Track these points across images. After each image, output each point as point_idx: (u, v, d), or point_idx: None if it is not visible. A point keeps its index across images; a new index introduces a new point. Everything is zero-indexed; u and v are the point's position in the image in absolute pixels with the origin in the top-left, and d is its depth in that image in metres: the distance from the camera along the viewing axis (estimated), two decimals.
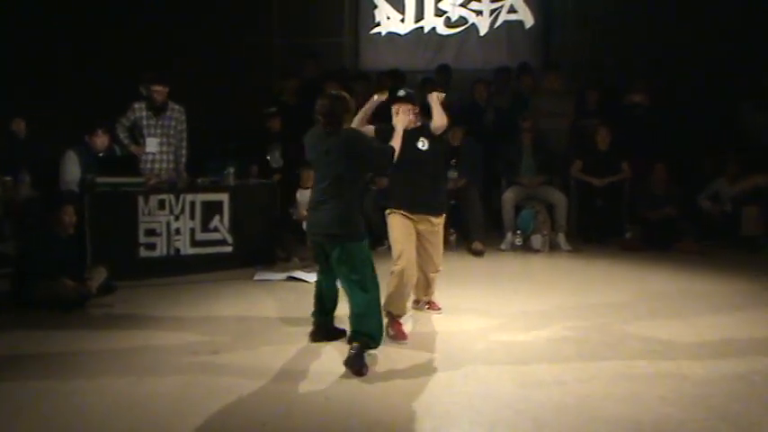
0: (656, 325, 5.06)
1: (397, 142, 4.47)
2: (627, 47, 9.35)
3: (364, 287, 4.24)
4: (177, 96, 7.22)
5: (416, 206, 4.88)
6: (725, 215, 8.05)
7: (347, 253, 4.25)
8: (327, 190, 4.30)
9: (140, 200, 6.41)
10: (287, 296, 5.95)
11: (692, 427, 3.44)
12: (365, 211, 8.05)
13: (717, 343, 4.64)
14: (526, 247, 7.76)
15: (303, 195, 7.30)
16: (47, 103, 8.19)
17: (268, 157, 7.93)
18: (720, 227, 8.05)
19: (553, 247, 7.76)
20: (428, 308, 5.37)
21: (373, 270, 4.33)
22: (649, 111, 8.57)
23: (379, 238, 7.95)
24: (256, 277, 6.49)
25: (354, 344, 4.17)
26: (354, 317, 4.27)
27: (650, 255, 7.45)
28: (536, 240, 7.75)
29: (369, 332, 4.22)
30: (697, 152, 8.48)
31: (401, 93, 4.88)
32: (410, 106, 4.86)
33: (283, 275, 6.51)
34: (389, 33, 10.19)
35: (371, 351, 4.27)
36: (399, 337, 4.68)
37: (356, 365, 4.09)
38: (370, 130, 4.85)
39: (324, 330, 4.69)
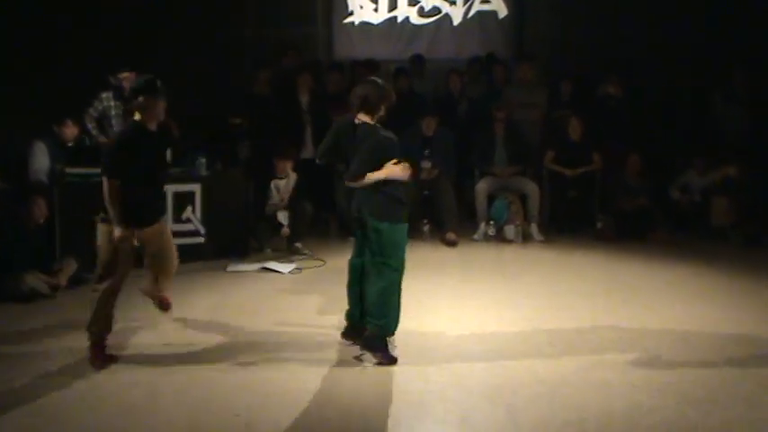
0: (627, 314, 5.12)
1: (374, 176, 4.22)
2: (600, 38, 9.39)
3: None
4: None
5: None
6: (695, 206, 8.16)
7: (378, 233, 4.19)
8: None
9: None
10: (260, 287, 5.93)
11: (661, 413, 3.48)
12: (338, 202, 8.07)
13: (686, 332, 4.71)
14: (499, 238, 7.80)
15: (277, 185, 7.27)
16: (14, 93, 8.04)
17: None
18: (690, 217, 8.16)
19: (526, 238, 7.80)
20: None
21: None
22: (622, 102, 8.64)
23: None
24: (229, 268, 6.45)
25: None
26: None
27: (622, 245, 7.52)
28: (509, 231, 7.79)
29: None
30: (669, 143, 8.57)
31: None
32: (410, 171, 4.41)
33: (257, 266, 6.48)
34: (363, 23, 10.15)
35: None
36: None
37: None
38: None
39: (359, 330, 4.40)
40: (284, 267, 6.44)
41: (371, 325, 4.17)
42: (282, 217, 7.27)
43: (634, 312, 5.16)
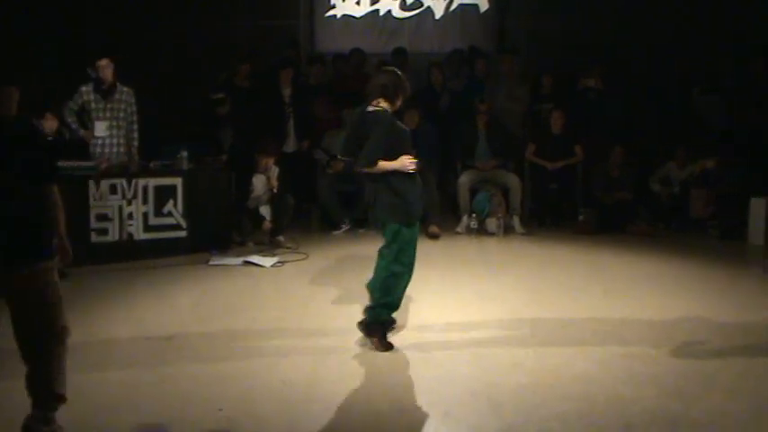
0: (607, 306, 5.16)
1: (386, 165, 4.19)
2: (581, 31, 9.44)
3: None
4: (129, 80, 7.06)
5: None
6: (674, 198, 8.23)
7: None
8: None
9: (91, 184, 6.29)
10: (243, 281, 5.91)
11: (642, 404, 3.51)
12: (321, 195, 8.06)
13: (666, 323, 4.75)
14: (481, 230, 7.83)
15: (259, 180, 7.24)
16: None
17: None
18: (670, 209, 8.23)
19: (508, 230, 7.83)
20: None
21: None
22: (602, 95, 8.69)
23: (336, 222, 7.97)
24: (211, 262, 6.43)
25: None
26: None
27: (603, 237, 7.58)
28: (491, 224, 7.82)
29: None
30: (649, 136, 8.63)
31: None
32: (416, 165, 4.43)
33: (239, 260, 6.46)
34: (345, 16, 10.12)
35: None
36: None
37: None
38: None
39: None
40: (267, 261, 6.43)
41: (371, 310, 4.26)
42: (264, 210, 7.25)
43: (615, 304, 5.20)
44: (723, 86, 8.64)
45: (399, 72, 4.40)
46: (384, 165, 4.17)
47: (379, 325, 4.27)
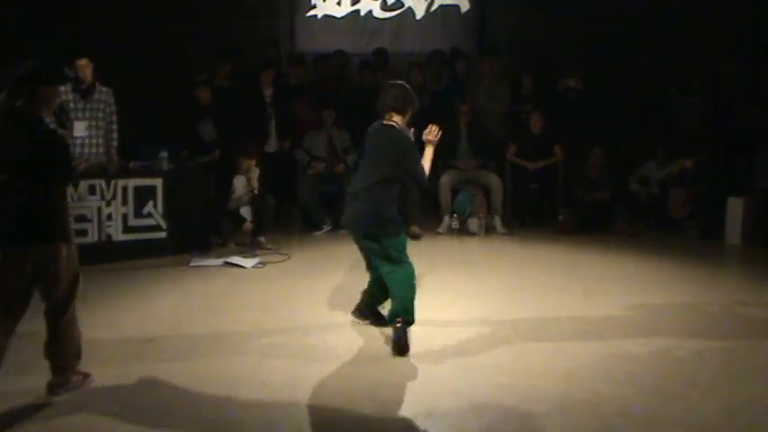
0: (587, 305, 5.19)
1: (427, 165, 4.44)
2: (561, 32, 9.49)
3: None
4: (108, 80, 7.01)
5: None
6: (653, 198, 8.31)
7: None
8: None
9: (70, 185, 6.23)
10: (223, 282, 5.88)
11: (622, 402, 3.55)
12: (302, 196, 8.05)
13: (645, 322, 4.80)
14: (463, 231, 7.85)
15: (239, 181, 7.21)
16: None
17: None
18: (648, 209, 8.31)
19: (489, 231, 7.86)
20: None
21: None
22: (582, 95, 8.74)
23: (317, 223, 7.97)
24: (192, 263, 6.40)
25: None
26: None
27: (583, 237, 7.63)
28: (472, 224, 7.85)
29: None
30: (628, 136, 8.70)
31: None
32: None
33: (219, 261, 6.43)
34: (326, 16, 10.11)
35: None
36: None
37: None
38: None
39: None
40: (247, 262, 6.41)
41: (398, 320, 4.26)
42: (245, 211, 7.23)
43: (595, 303, 5.24)
44: (701, 86, 8.72)
45: (407, 85, 4.46)
46: (427, 164, 4.42)
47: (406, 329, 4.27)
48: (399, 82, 4.54)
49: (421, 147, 4.50)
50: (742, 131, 8.14)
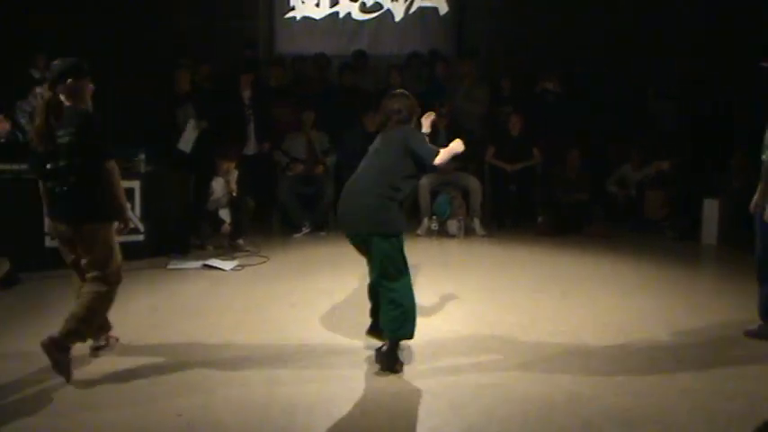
0: (566, 307, 5.22)
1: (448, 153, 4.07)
2: (539, 34, 9.56)
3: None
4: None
5: None
6: (629, 199, 8.38)
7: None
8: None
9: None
10: (202, 285, 5.85)
11: (600, 402, 3.57)
12: (281, 198, 8.02)
13: (623, 323, 4.83)
14: (442, 233, 7.87)
15: (218, 183, 7.18)
16: None
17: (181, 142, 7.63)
18: (626, 211, 8.38)
19: (468, 232, 7.89)
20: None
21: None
22: (560, 97, 8.80)
23: (296, 225, 7.94)
24: (170, 266, 6.35)
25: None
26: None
27: (561, 239, 7.68)
28: (452, 225, 7.88)
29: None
30: (606, 138, 8.77)
31: None
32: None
33: (198, 264, 6.39)
34: (305, 18, 10.10)
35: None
36: None
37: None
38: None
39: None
40: (226, 264, 6.37)
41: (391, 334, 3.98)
42: (224, 213, 7.19)
43: (573, 305, 5.27)
44: (677, 90, 8.83)
45: (408, 93, 4.36)
46: (447, 153, 3.99)
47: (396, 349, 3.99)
48: (400, 91, 4.45)
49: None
50: (717, 133, 8.24)
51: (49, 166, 3.87)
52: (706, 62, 8.58)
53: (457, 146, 4.06)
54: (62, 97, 3.88)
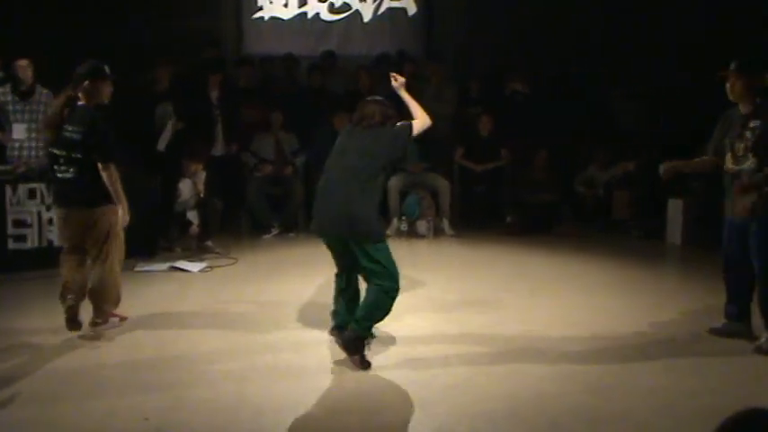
0: (533, 306, 5.27)
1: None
2: (507, 35, 9.61)
3: None
4: (48, 81, 6.83)
5: None
6: (598, 200, 8.47)
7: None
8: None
9: (8, 189, 6.05)
10: (170, 287, 5.80)
11: (567, 400, 3.60)
12: (249, 199, 7.97)
13: (590, 321, 4.88)
14: (411, 233, 7.89)
15: (185, 184, 7.11)
16: None
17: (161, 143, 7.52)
18: (594, 211, 8.47)
19: (438, 232, 7.92)
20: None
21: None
22: (528, 98, 8.87)
23: (265, 226, 7.90)
24: (137, 268, 6.27)
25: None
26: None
27: (530, 239, 7.73)
28: (421, 226, 7.90)
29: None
30: (574, 138, 8.86)
31: None
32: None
33: (166, 266, 6.33)
34: (273, 18, 10.05)
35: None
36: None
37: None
38: None
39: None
40: (194, 266, 6.32)
41: (357, 325, 3.99)
42: (192, 215, 7.12)
43: (540, 304, 5.32)
44: (640, 90, 8.94)
45: (382, 98, 4.41)
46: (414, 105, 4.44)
47: (361, 340, 3.99)
48: (375, 98, 4.45)
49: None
50: (680, 134, 8.35)
51: (54, 151, 4.38)
52: (672, 64, 8.69)
53: (407, 97, 4.46)
54: (80, 95, 4.39)
